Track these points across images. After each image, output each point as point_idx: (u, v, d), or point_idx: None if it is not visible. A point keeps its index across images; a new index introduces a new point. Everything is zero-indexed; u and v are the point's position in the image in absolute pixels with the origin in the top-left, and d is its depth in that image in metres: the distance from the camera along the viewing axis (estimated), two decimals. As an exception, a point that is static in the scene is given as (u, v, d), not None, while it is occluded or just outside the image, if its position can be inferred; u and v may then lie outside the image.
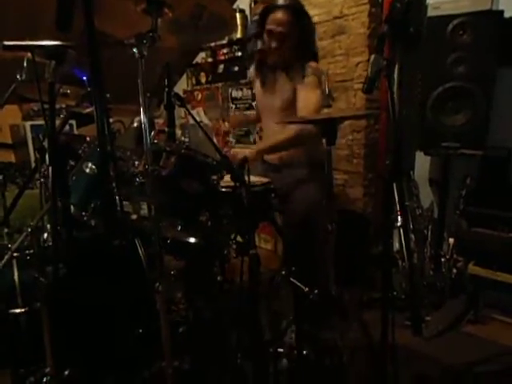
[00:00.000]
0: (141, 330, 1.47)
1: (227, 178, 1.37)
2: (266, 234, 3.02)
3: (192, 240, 1.34)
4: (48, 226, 1.56)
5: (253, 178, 1.38)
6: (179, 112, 4.25)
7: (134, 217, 1.29)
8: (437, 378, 1.67)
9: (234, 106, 3.37)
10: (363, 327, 1.65)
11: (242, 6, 3.12)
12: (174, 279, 1.54)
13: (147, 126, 1.02)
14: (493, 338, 1.92)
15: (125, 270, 1.44)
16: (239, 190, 1.29)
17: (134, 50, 0.97)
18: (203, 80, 3.74)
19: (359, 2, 2.39)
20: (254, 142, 3.31)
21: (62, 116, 2.26)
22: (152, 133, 1.51)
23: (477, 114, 2.04)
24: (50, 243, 1.40)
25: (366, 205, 2.63)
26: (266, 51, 1.90)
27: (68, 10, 0.68)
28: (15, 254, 1.33)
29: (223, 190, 1.39)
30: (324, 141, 1.34)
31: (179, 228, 1.26)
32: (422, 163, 2.67)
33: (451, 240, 2.36)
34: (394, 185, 2.70)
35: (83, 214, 1.41)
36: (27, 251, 1.46)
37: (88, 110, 1.56)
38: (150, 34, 1.04)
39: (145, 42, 0.98)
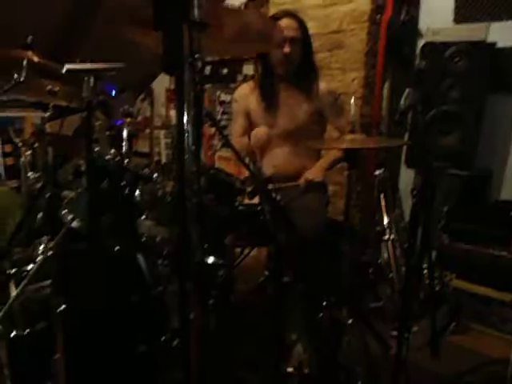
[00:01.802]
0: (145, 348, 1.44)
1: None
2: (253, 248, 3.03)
3: (210, 260, 1.32)
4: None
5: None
6: (159, 110, 4.16)
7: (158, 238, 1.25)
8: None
9: (221, 110, 3.34)
10: (363, 342, 1.70)
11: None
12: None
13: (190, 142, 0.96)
14: (473, 348, 2.06)
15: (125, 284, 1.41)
16: (263, 208, 1.30)
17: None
18: (188, 79, 3.66)
19: (358, 20, 2.44)
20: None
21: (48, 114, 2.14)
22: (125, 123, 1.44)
23: (467, 136, 2.17)
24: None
25: (354, 216, 2.71)
26: (275, 61, 1.88)
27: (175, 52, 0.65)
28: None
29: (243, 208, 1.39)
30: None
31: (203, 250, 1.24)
32: (406, 177, 2.79)
33: (433, 253, 2.50)
34: (382, 197, 2.81)
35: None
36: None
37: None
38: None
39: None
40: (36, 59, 1.50)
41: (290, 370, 1.45)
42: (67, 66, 0.86)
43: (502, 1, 2.27)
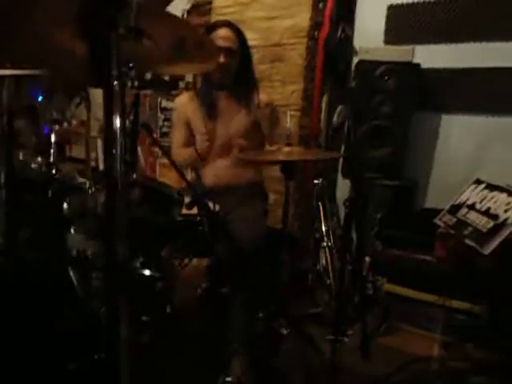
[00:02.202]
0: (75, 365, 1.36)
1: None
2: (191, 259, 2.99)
3: (147, 273, 1.29)
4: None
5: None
6: (97, 113, 3.99)
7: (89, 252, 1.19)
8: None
9: (163, 117, 3.28)
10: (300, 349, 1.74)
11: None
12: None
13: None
14: (401, 348, 2.19)
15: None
16: (201, 218, 1.29)
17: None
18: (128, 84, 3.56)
19: (297, 35, 2.54)
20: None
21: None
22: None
23: (396, 149, 2.33)
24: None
25: (293, 224, 2.78)
26: (212, 71, 1.89)
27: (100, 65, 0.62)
28: None
29: (181, 219, 1.37)
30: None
31: (139, 263, 1.20)
32: (343, 186, 2.93)
33: (367, 259, 2.64)
34: (320, 206, 2.91)
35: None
36: None
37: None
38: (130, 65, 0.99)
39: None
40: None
41: (228, 379, 1.45)
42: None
43: (426, 26, 2.49)
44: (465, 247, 1.97)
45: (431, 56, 2.45)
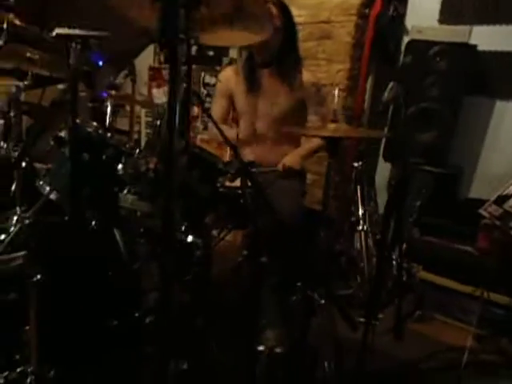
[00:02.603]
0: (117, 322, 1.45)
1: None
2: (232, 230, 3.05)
3: (190, 239, 1.34)
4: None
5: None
6: (141, 88, 4.08)
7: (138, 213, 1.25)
8: (388, 371, 1.86)
9: (206, 92, 3.31)
10: (332, 324, 1.76)
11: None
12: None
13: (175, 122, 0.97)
14: (434, 336, 2.17)
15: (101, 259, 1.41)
16: (244, 191, 1.32)
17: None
18: (173, 59, 3.60)
19: (347, 12, 2.46)
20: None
21: (26, 83, 2.08)
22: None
23: (442, 134, 2.25)
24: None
25: (331, 205, 2.77)
26: (255, 49, 1.88)
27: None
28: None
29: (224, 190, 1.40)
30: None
31: (183, 228, 1.25)
32: (382, 171, 2.87)
33: (404, 245, 2.60)
34: (359, 189, 2.87)
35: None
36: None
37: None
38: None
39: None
40: (18, 23, 1.44)
41: (261, 348, 1.50)
42: (57, 31, 0.84)
43: (485, 6, 2.35)
44: (510, 239, 1.89)
45: (489, 38, 2.32)
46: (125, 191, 1.13)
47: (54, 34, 0.83)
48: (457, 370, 1.86)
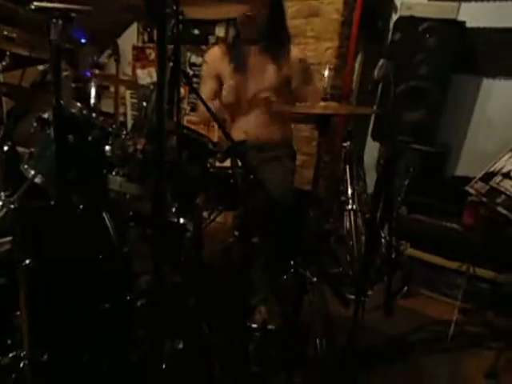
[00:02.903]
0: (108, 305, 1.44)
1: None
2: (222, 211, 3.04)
3: (182, 221, 1.33)
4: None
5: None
6: (125, 68, 3.96)
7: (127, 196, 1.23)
8: (379, 347, 1.91)
9: (192, 73, 3.24)
10: (324, 302, 1.78)
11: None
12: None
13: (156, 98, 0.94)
14: (421, 311, 2.23)
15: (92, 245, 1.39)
16: (235, 171, 1.31)
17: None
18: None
19: (335, -12, 2.42)
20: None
21: (4, 63, 2.00)
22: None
23: (430, 113, 2.25)
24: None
25: (320, 185, 2.78)
26: (240, 25, 1.83)
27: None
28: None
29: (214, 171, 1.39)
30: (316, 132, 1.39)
31: (174, 210, 1.24)
32: (370, 150, 2.88)
33: (392, 224, 2.64)
34: (347, 169, 2.88)
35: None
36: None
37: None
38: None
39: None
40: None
41: (254, 325, 1.52)
42: (35, 3, 0.79)
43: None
44: (496, 215, 1.93)
45: (478, 14, 2.31)
46: (113, 173, 1.11)
47: (32, 7, 0.79)
48: (444, 342, 1.92)
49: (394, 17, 2.44)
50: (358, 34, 2.52)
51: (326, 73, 1.39)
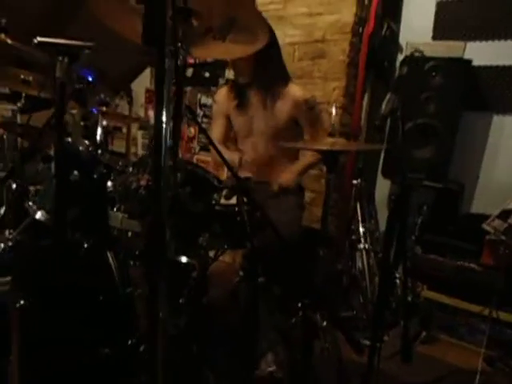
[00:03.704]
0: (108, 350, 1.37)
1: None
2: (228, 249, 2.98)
3: (184, 259, 1.28)
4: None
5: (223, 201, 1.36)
6: (138, 111, 4.08)
7: (129, 234, 1.20)
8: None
9: (202, 113, 3.31)
10: (336, 348, 1.68)
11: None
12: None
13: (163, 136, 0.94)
14: (441, 358, 2.08)
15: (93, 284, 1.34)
16: (240, 208, 1.27)
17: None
18: (169, 81, 3.62)
19: (341, 30, 2.48)
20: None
21: (19, 104, 2.06)
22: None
23: (441, 149, 2.22)
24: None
25: (330, 224, 2.71)
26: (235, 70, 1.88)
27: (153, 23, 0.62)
28: None
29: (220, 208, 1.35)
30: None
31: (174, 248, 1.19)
32: (382, 188, 2.83)
33: (407, 264, 2.53)
34: (358, 206, 2.81)
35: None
36: None
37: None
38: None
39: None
40: (9, 41, 1.43)
41: (262, 374, 1.42)
42: (38, 39, 0.81)
43: (478, 22, 2.37)
44: (516, 254, 1.84)
45: (483, 53, 2.33)
46: (114, 209, 1.09)
47: (35, 41, 0.80)
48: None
49: (400, 56, 2.48)
50: (365, 74, 2.56)
51: (333, 111, 1.40)
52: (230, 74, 3.22)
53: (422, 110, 2.22)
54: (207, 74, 3.29)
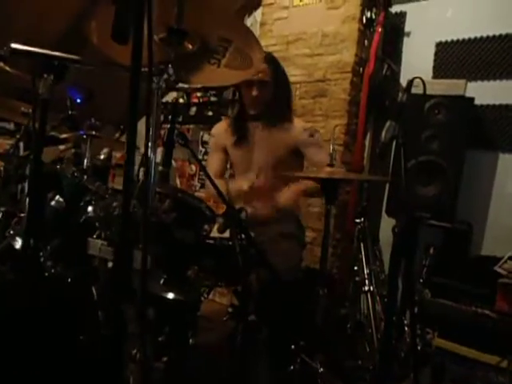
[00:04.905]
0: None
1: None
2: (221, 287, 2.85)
3: (171, 296, 1.17)
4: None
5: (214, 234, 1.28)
6: (139, 145, 4.08)
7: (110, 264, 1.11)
8: None
9: (203, 150, 3.30)
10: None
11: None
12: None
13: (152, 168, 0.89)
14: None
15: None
16: (235, 242, 1.18)
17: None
18: (172, 120, 3.66)
19: (342, 70, 2.51)
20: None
21: (17, 136, 2.05)
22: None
23: (447, 188, 2.14)
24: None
25: (332, 265, 2.59)
26: (246, 103, 1.88)
27: (126, 20, 0.58)
28: None
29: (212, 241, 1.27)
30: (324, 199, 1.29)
31: (162, 281, 1.10)
32: (386, 227, 2.73)
33: (415, 309, 2.37)
34: (362, 247, 2.69)
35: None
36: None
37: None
38: (169, 67, 0.96)
39: (166, 75, 0.90)
40: (8, 69, 1.42)
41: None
42: (13, 45, 0.77)
43: (478, 62, 2.38)
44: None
45: (484, 92, 2.32)
46: (94, 236, 1.01)
47: (11, 47, 0.76)
48: None
49: (401, 95, 2.48)
50: (367, 113, 2.55)
51: (332, 140, 1.36)
52: (232, 113, 3.26)
53: (425, 148, 2.18)
54: (210, 113, 3.33)
